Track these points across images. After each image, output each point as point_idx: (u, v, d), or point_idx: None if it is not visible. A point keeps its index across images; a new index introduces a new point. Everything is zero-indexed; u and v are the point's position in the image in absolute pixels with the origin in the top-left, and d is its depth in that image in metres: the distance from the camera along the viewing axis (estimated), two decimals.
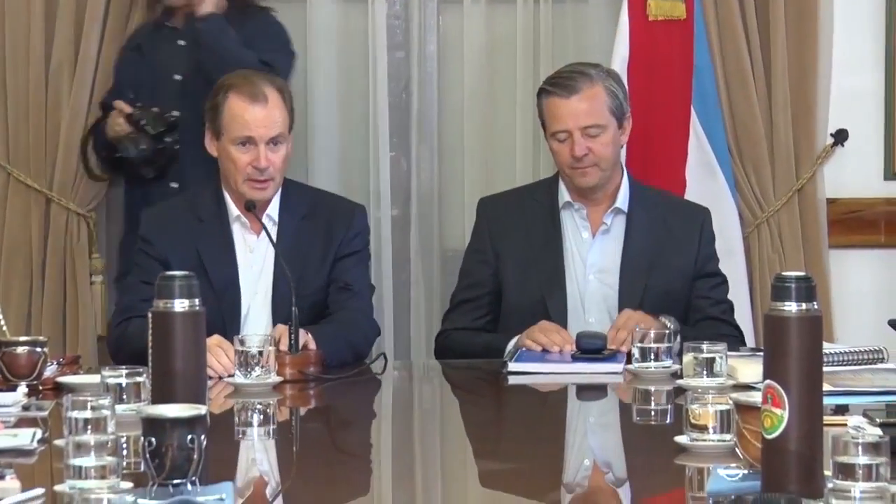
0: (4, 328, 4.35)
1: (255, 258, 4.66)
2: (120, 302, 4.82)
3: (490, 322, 4.86)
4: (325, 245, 4.67)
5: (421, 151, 5.53)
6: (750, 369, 3.85)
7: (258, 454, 3.81)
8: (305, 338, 4.31)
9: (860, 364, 4.23)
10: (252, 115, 4.55)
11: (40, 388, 4.06)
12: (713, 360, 3.95)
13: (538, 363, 4.45)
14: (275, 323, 4.48)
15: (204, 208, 4.71)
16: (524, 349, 4.53)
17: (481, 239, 4.92)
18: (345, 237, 4.70)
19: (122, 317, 4.62)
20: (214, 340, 4.20)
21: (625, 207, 4.79)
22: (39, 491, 2.99)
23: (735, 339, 4.65)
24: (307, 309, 4.40)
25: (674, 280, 4.76)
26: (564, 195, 4.81)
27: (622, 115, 4.76)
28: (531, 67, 5.37)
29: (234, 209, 4.65)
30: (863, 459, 2.60)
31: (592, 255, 4.80)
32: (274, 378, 4.12)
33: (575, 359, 4.48)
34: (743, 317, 5.15)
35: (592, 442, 4.09)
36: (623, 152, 4.97)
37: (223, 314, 4.45)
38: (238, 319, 4.58)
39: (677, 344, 4.30)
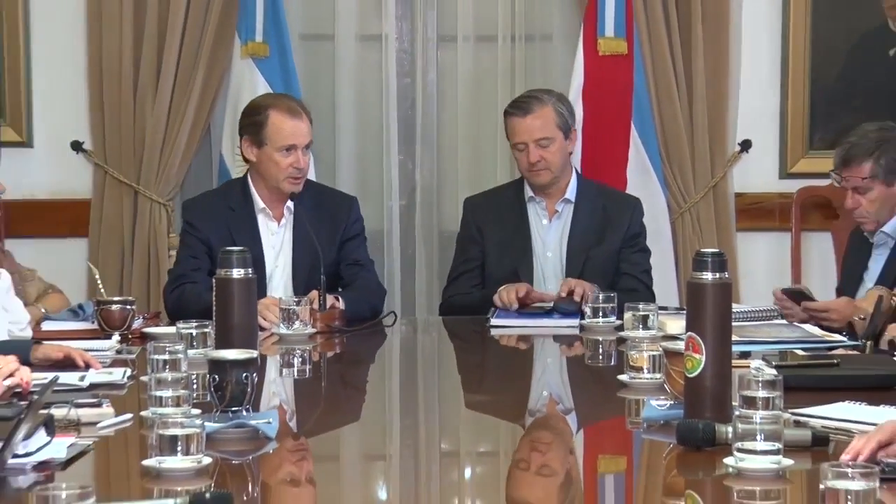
0: (102, 290, 4.35)
1: (276, 240, 4.64)
2: (172, 271, 4.77)
3: (481, 288, 4.87)
4: (332, 230, 4.64)
5: (423, 155, 5.52)
6: (676, 324, 3.85)
7: (296, 388, 3.81)
8: (332, 300, 4.31)
9: (760, 320, 4.24)
10: (294, 127, 4.54)
11: (130, 336, 4.07)
12: (647, 316, 3.97)
13: (513, 319, 4.46)
14: (294, 288, 4.48)
15: (234, 200, 4.67)
16: (501, 309, 4.54)
17: (469, 226, 4.93)
18: (347, 223, 4.69)
19: (174, 284, 4.59)
20: (266, 301, 4.21)
21: (572, 198, 4.81)
22: (128, 416, 3.01)
23: (639, 290, 4.65)
24: (324, 275, 4.40)
25: (608, 253, 4.76)
26: (528, 192, 4.84)
27: (567, 130, 4.77)
28: (509, 91, 5.34)
29: (259, 201, 4.63)
30: (762, 393, 2.59)
31: (548, 237, 4.83)
32: (309, 329, 4.13)
33: (540, 315, 4.51)
34: (669, 283, 5.15)
35: (553, 379, 4.09)
36: (578, 155, 4.98)
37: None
38: (263, 285, 4.51)
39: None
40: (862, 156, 4.48)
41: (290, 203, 4.61)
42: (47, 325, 4.20)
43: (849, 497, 2.19)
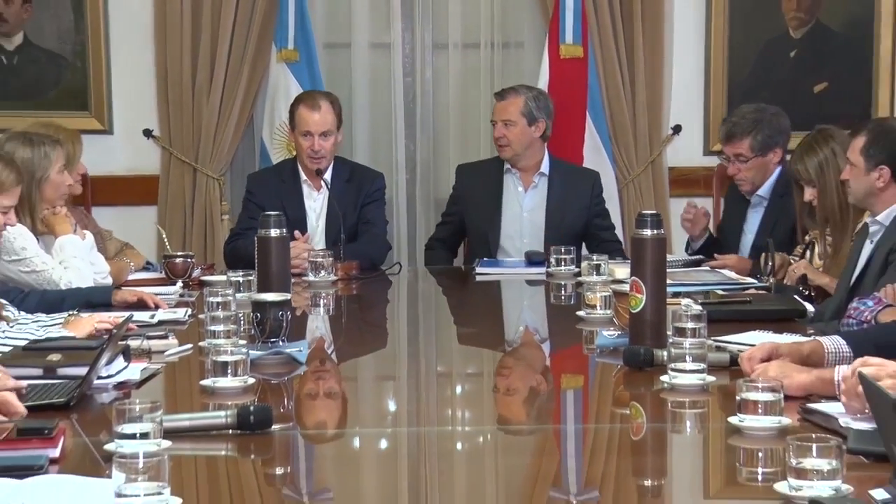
0: (168, 247, 4.32)
1: (316, 204, 4.62)
2: (233, 229, 4.82)
3: (457, 240, 4.90)
4: (357, 197, 4.63)
5: (422, 139, 5.47)
6: (622, 270, 3.80)
7: (320, 323, 3.80)
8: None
9: (688, 267, 4.25)
10: (310, 118, 4.52)
11: (190, 283, 4.04)
12: (599, 265, 3.94)
13: (493, 268, 4.47)
14: (327, 241, 4.46)
15: (286, 175, 4.67)
16: (485, 259, 4.54)
17: (457, 188, 4.91)
18: (368, 191, 4.67)
19: (231, 239, 4.66)
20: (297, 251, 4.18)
21: (547, 172, 4.77)
22: (189, 346, 3.01)
23: (617, 247, 4.65)
24: (346, 234, 4.40)
25: (578, 217, 4.72)
26: (506, 165, 4.79)
27: (533, 119, 4.70)
28: (489, 88, 5.27)
29: (303, 175, 4.62)
30: (690, 325, 2.59)
31: (526, 202, 4.78)
32: (332, 277, 4.12)
33: (515, 264, 4.52)
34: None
35: (527, 315, 4.07)
36: (546, 141, 4.93)
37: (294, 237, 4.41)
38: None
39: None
40: (742, 133, 4.50)
41: (327, 176, 4.59)
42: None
43: (759, 406, 2.21)
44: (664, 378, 2.58)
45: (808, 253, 4.01)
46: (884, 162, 3.54)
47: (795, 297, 3.59)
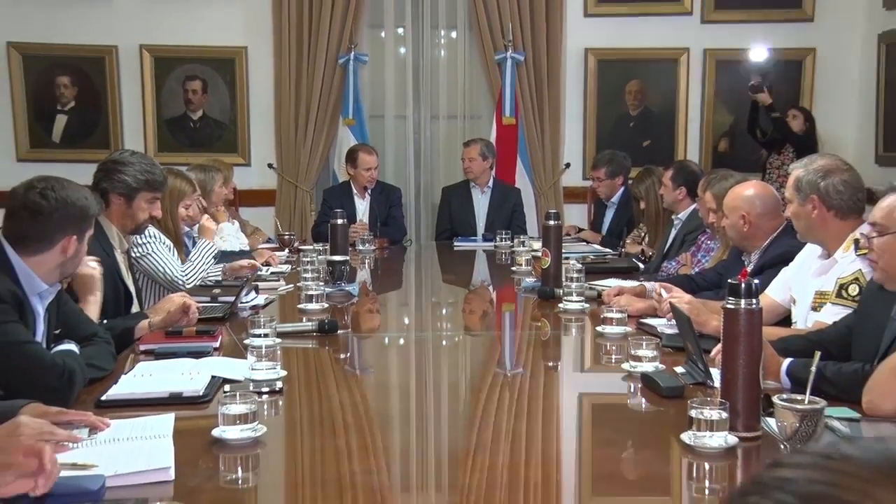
0: (280, 229, 4.29)
1: (362, 207, 4.54)
2: (315, 220, 4.75)
3: (451, 229, 4.77)
4: (386, 202, 4.57)
5: (424, 170, 5.41)
6: (537, 244, 3.78)
7: (365, 272, 3.75)
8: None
9: (573, 243, 4.21)
10: (371, 160, 4.47)
11: (292, 250, 3.99)
12: (524, 241, 3.89)
13: (465, 243, 4.43)
14: (370, 227, 4.37)
15: (344, 190, 4.60)
16: (461, 237, 4.50)
17: (444, 201, 4.83)
18: (392, 199, 4.61)
19: (315, 225, 4.58)
20: (356, 230, 4.14)
21: (490, 187, 4.72)
22: (291, 285, 2.98)
23: (523, 230, 4.54)
24: (380, 222, 4.37)
25: (506, 213, 4.66)
26: (472, 183, 4.74)
27: (485, 157, 4.64)
28: (462, 139, 5.23)
29: (354, 190, 4.56)
30: (575, 275, 2.58)
31: (480, 205, 4.72)
32: (372, 247, 4.08)
33: (477, 240, 4.46)
34: (535, 227, 5.04)
35: (483, 272, 4.04)
36: (494, 170, 4.88)
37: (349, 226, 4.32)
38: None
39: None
40: (600, 165, 4.48)
41: (368, 190, 4.53)
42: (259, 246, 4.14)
43: (614, 321, 2.21)
44: (560, 305, 2.57)
45: (645, 238, 4.02)
46: (682, 184, 3.57)
47: (634, 260, 3.59)
